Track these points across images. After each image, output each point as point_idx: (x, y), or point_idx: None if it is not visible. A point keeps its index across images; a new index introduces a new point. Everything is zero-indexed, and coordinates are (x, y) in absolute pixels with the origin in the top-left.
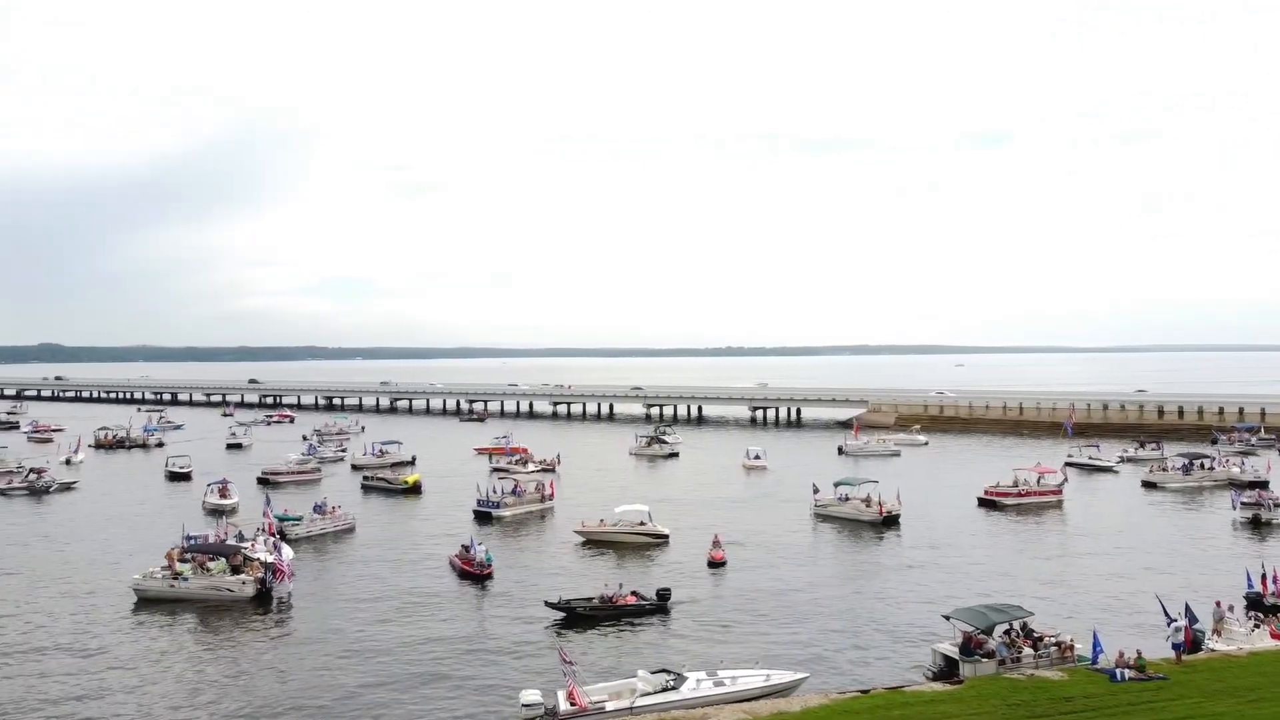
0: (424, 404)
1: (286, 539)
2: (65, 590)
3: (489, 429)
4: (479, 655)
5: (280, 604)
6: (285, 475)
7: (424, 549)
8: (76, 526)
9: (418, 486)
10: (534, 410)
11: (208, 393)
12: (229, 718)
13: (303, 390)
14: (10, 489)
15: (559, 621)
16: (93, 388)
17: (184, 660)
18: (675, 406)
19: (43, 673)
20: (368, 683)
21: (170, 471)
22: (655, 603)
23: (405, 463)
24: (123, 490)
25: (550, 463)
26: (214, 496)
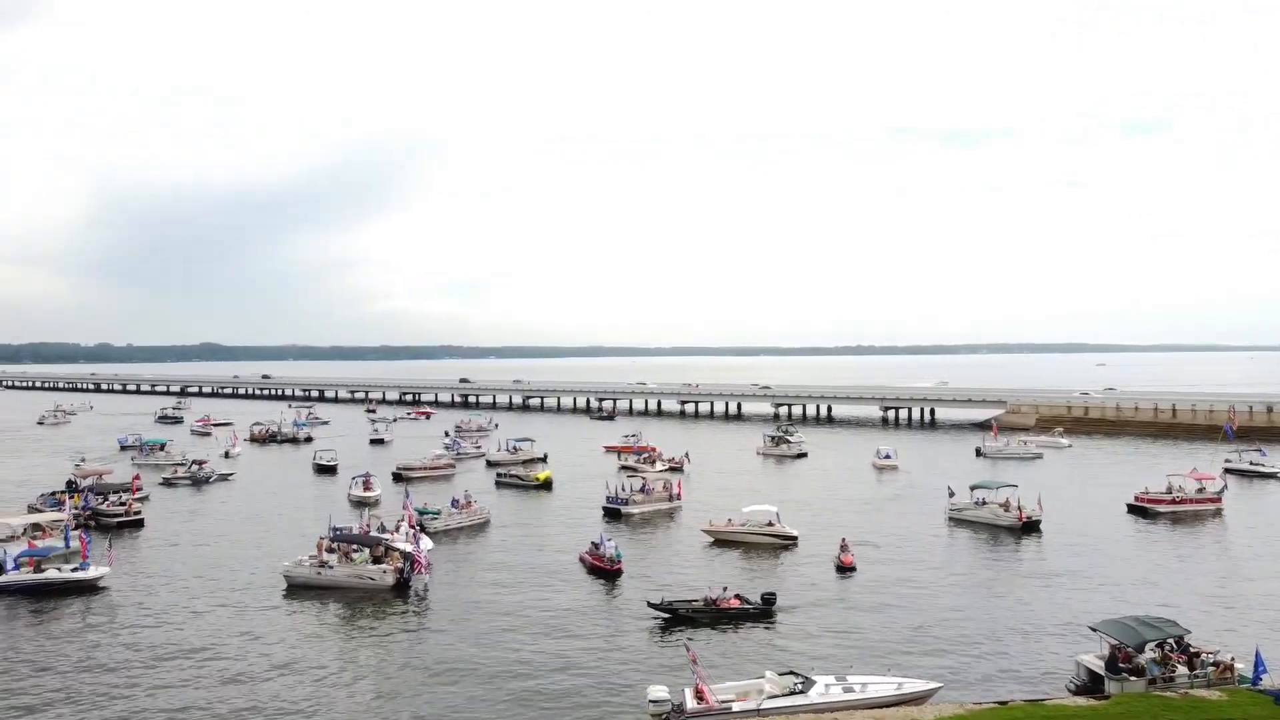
0: (555, 402)
1: (426, 532)
2: (223, 573)
3: (618, 427)
4: (607, 650)
5: (418, 594)
6: (418, 471)
7: (555, 544)
8: (232, 515)
9: (549, 483)
10: (662, 409)
11: (352, 390)
12: (368, 698)
13: (439, 388)
14: (176, 479)
15: (662, 622)
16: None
17: (328, 643)
18: (804, 406)
19: (200, 648)
20: (498, 673)
21: (317, 465)
22: (760, 607)
23: (537, 460)
24: (274, 482)
25: (678, 461)
26: (358, 489)
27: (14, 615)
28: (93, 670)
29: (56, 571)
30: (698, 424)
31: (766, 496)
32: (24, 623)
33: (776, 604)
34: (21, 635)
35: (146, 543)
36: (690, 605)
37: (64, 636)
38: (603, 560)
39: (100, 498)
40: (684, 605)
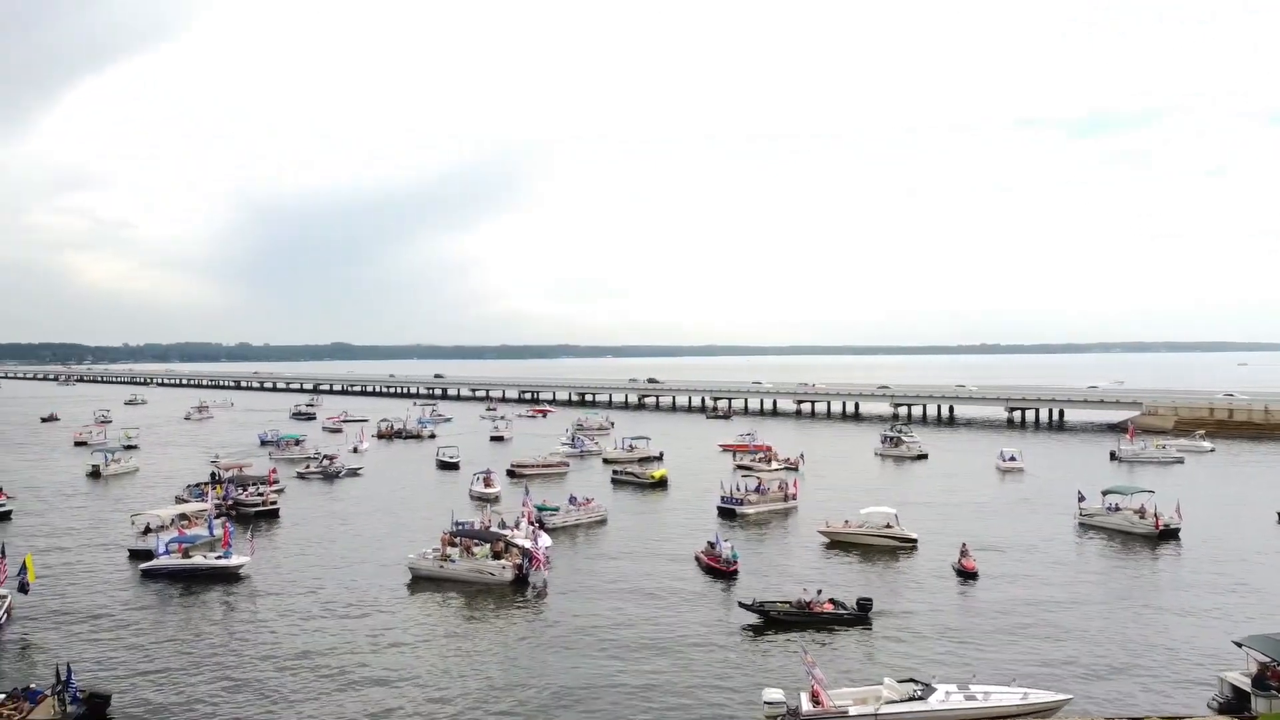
0: (670, 401)
1: (545, 528)
2: (352, 563)
3: (733, 426)
4: (722, 651)
5: (535, 590)
6: (531, 468)
7: (670, 543)
8: (361, 508)
9: (664, 481)
10: (777, 408)
11: (473, 388)
12: (485, 691)
13: (557, 386)
14: (308, 473)
15: (775, 625)
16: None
17: (449, 634)
18: (924, 406)
19: (331, 634)
20: (612, 670)
21: (440, 461)
22: (854, 612)
23: (653, 458)
24: (399, 477)
25: (794, 461)
26: (479, 486)
27: (165, 598)
28: (233, 651)
29: (202, 558)
30: (814, 424)
31: (884, 498)
32: (173, 605)
33: (873, 609)
34: (170, 616)
35: (282, 532)
36: (782, 607)
37: (208, 619)
38: (719, 560)
39: (240, 489)
40: (775, 607)
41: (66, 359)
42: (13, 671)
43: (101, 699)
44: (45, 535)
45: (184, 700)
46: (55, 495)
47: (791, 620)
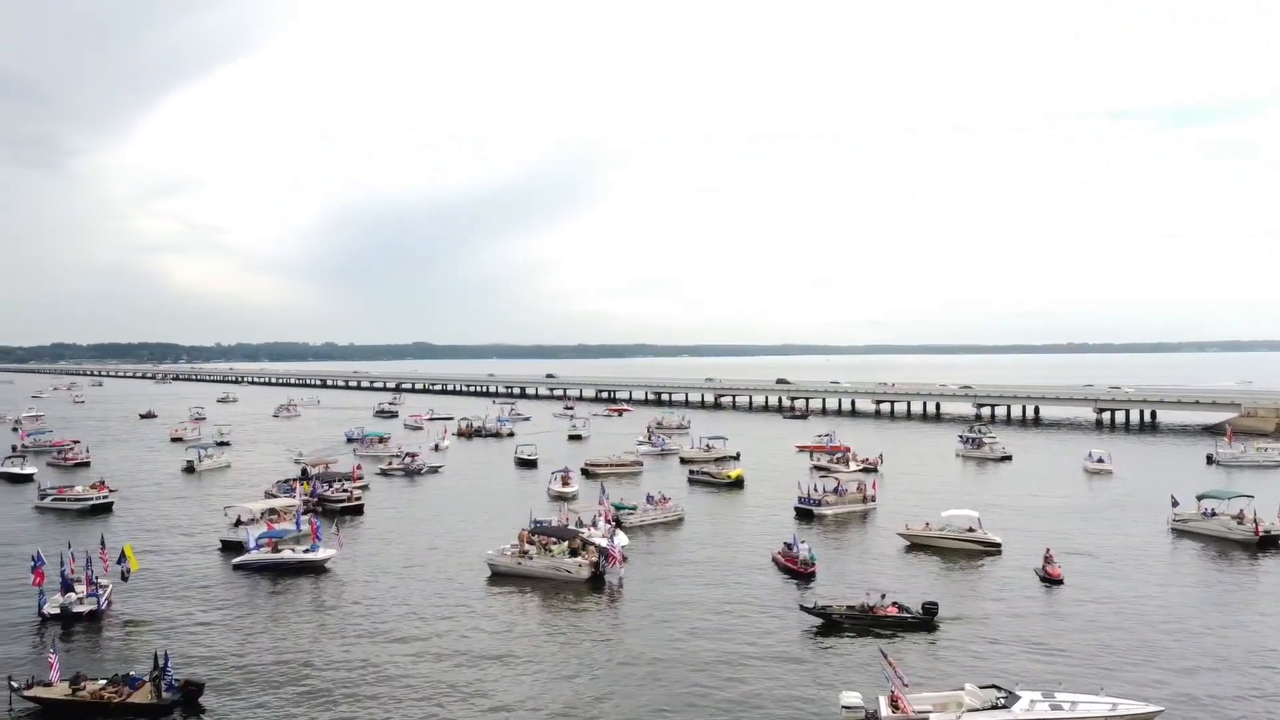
0: (746, 400)
1: (621, 527)
2: (433, 559)
3: (811, 426)
4: (798, 652)
5: (611, 587)
6: (605, 467)
7: (747, 543)
8: (442, 504)
9: (740, 481)
10: (856, 408)
11: (551, 387)
12: (559, 686)
13: (634, 386)
14: (391, 470)
15: (815, 627)
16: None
17: (527, 630)
18: (1009, 406)
19: (413, 628)
20: (688, 670)
21: (519, 459)
22: (919, 616)
23: (730, 458)
24: (479, 474)
25: (872, 462)
26: (557, 484)
27: (255, 591)
28: (320, 644)
29: (291, 552)
30: (893, 424)
31: (966, 501)
32: (263, 597)
33: (941, 614)
34: (260, 608)
35: (365, 528)
36: (844, 610)
37: (296, 612)
38: (796, 561)
39: (326, 485)
40: (839, 610)
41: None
42: (114, 657)
43: (196, 687)
44: (144, 527)
45: (273, 691)
46: (153, 489)
47: (855, 624)
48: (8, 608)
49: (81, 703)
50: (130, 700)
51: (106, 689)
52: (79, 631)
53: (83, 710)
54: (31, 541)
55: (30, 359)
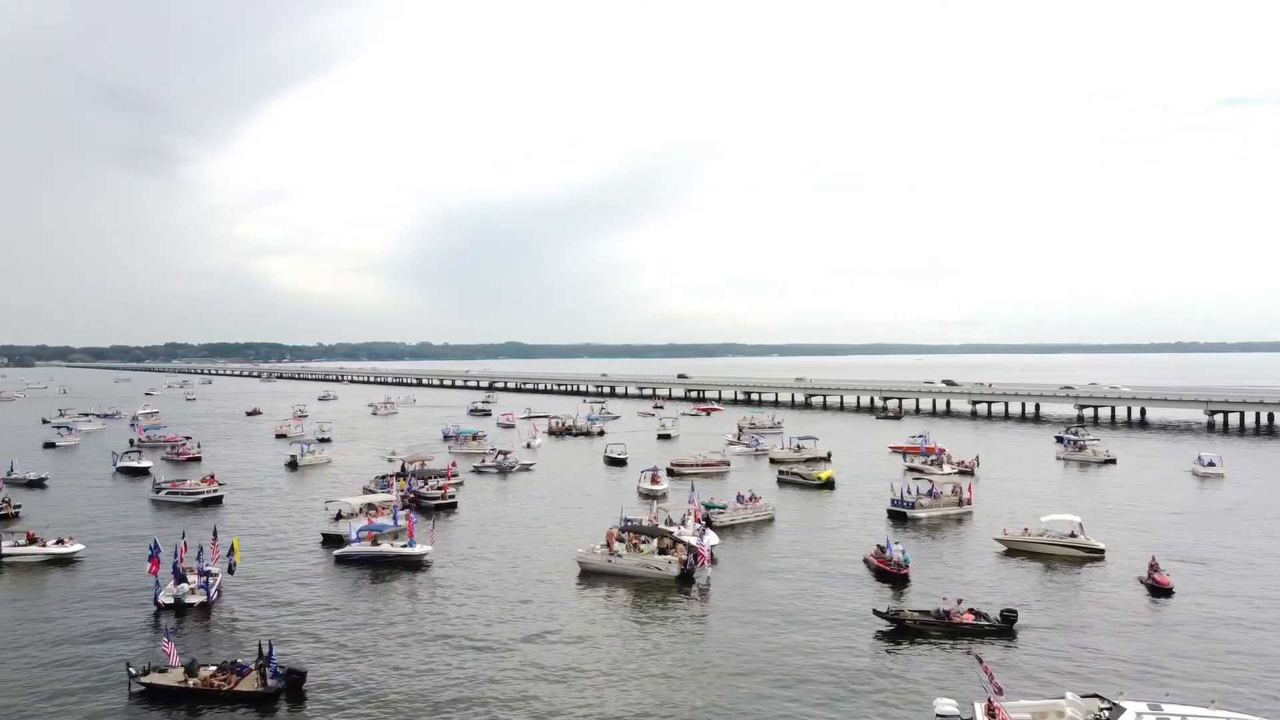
0: (838, 400)
1: (711, 526)
2: (525, 556)
3: (904, 427)
4: (891, 656)
5: (700, 586)
6: (691, 466)
7: (838, 545)
8: (533, 502)
9: (831, 482)
10: (951, 409)
11: (640, 386)
12: (647, 684)
13: (723, 385)
14: (484, 468)
15: (888, 632)
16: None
17: (615, 627)
18: (1113, 408)
19: (507, 624)
20: (778, 673)
21: (608, 457)
22: (997, 624)
23: (820, 458)
24: (569, 473)
25: (968, 464)
26: (646, 483)
27: (356, 583)
28: (416, 636)
29: (389, 546)
30: (991, 425)
31: (1067, 505)
32: (363, 590)
33: (1021, 622)
34: (361, 600)
35: (459, 524)
36: (919, 616)
37: (394, 605)
38: (889, 564)
39: (422, 482)
40: (913, 616)
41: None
42: (222, 644)
43: (299, 675)
44: (250, 520)
45: (372, 680)
46: (259, 483)
47: (930, 630)
48: (127, 596)
49: (194, 689)
50: (238, 687)
51: (216, 676)
52: (191, 620)
53: (194, 696)
54: (148, 532)
55: (146, 358)
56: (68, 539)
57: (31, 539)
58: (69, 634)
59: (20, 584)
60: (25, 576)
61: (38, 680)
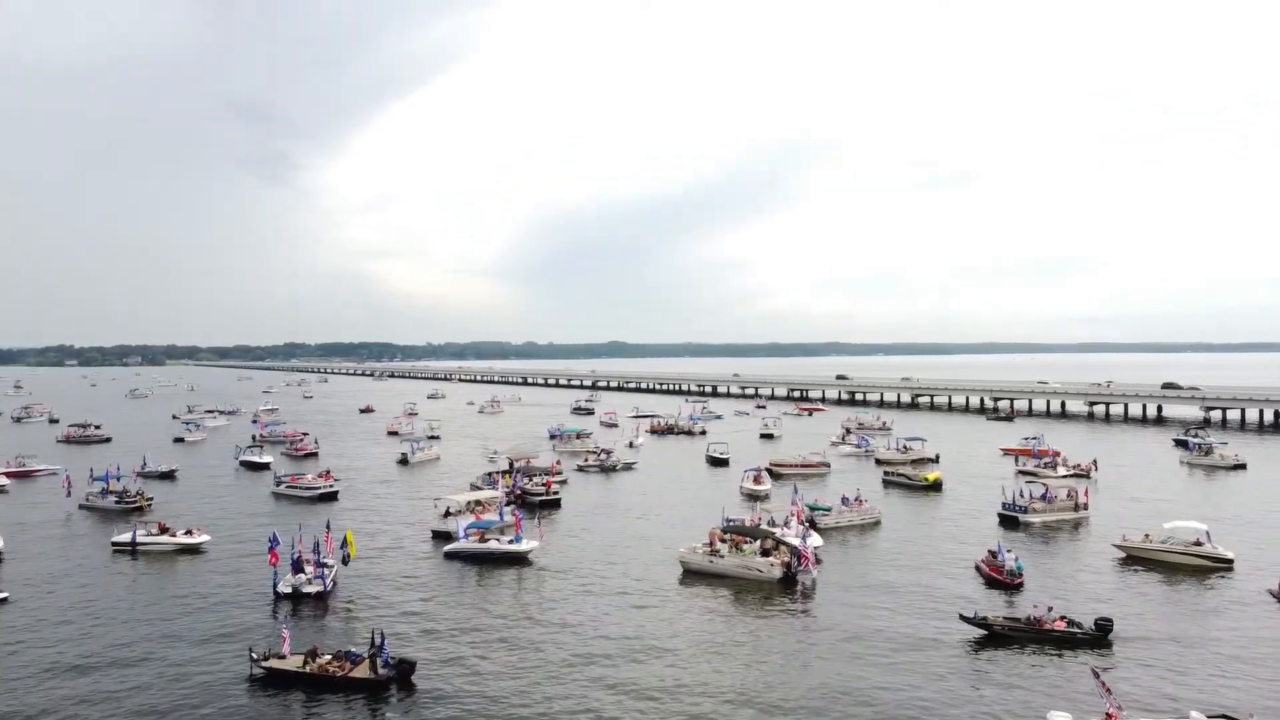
0: (946, 400)
1: (816, 528)
2: (627, 554)
3: (1016, 429)
4: (1002, 666)
5: (804, 589)
6: (790, 467)
7: (946, 550)
8: (635, 501)
9: (939, 484)
10: (1066, 410)
11: (742, 386)
12: (747, 686)
13: (826, 385)
14: (587, 466)
15: (976, 639)
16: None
17: (715, 628)
18: (1243, 410)
19: (609, 623)
20: (884, 681)
21: (711, 457)
22: (1090, 633)
23: (928, 460)
24: (671, 472)
25: (1085, 468)
26: (749, 483)
27: (464, 578)
28: (522, 632)
29: (496, 543)
30: (1109, 427)
31: (1192, 512)
32: (470, 585)
33: (1114, 631)
34: (469, 595)
35: (563, 521)
36: (1007, 622)
37: (501, 600)
38: (1001, 572)
39: (527, 479)
40: (1001, 622)
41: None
42: (337, 633)
43: (409, 665)
44: (363, 514)
45: (478, 673)
46: (371, 479)
47: (1018, 637)
48: (249, 584)
49: (310, 674)
50: (351, 675)
51: (331, 663)
52: (306, 609)
53: (310, 681)
54: (268, 524)
55: (267, 357)
56: (195, 529)
57: (163, 529)
58: (196, 618)
59: (152, 571)
60: (157, 563)
61: (167, 659)
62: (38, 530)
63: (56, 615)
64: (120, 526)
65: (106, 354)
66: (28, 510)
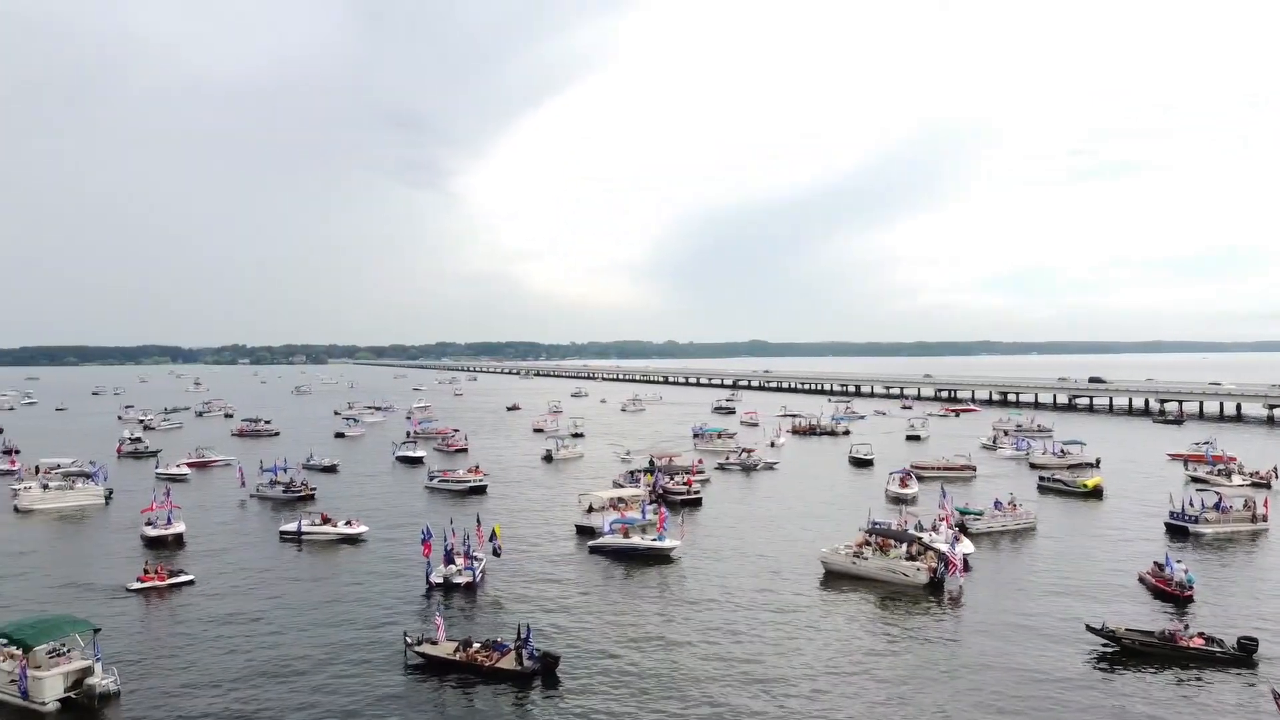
0: (1106, 401)
1: (966, 532)
2: (768, 555)
3: (1186, 433)
4: (1135, 682)
5: (952, 596)
6: (932, 469)
7: (1106, 560)
8: (777, 501)
9: (1099, 490)
10: (1243, 413)
11: (887, 386)
12: (887, 691)
13: (976, 385)
14: (728, 465)
15: (1107, 653)
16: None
17: (857, 631)
18: None
19: (749, 621)
20: (1036, 696)
21: (854, 458)
22: (1231, 652)
23: (1087, 464)
24: (813, 472)
25: (1264, 476)
26: (895, 485)
27: (607, 573)
28: (664, 629)
29: (640, 539)
30: None
31: None
32: (615, 581)
33: (1258, 652)
34: (613, 591)
35: (704, 520)
36: (1139, 636)
37: (645, 597)
38: (1169, 584)
39: (668, 477)
40: (1130, 636)
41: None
42: (485, 624)
43: (553, 658)
44: (510, 509)
45: (621, 667)
46: (518, 474)
47: (1152, 652)
48: (403, 574)
49: (460, 662)
50: (499, 664)
51: (480, 652)
52: (457, 599)
53: (460, 668)
54: (422, 517)
55: (420, 356)
56: (354, 520)
57: (325, 519)
58: (355, 605)
59: (316, 559)
60: (320, 552)
61: (329, 640)
62: (215, 517)
63: (233, 597)
64: (287, 516)
65: (275, 353)
66: (206, 498)
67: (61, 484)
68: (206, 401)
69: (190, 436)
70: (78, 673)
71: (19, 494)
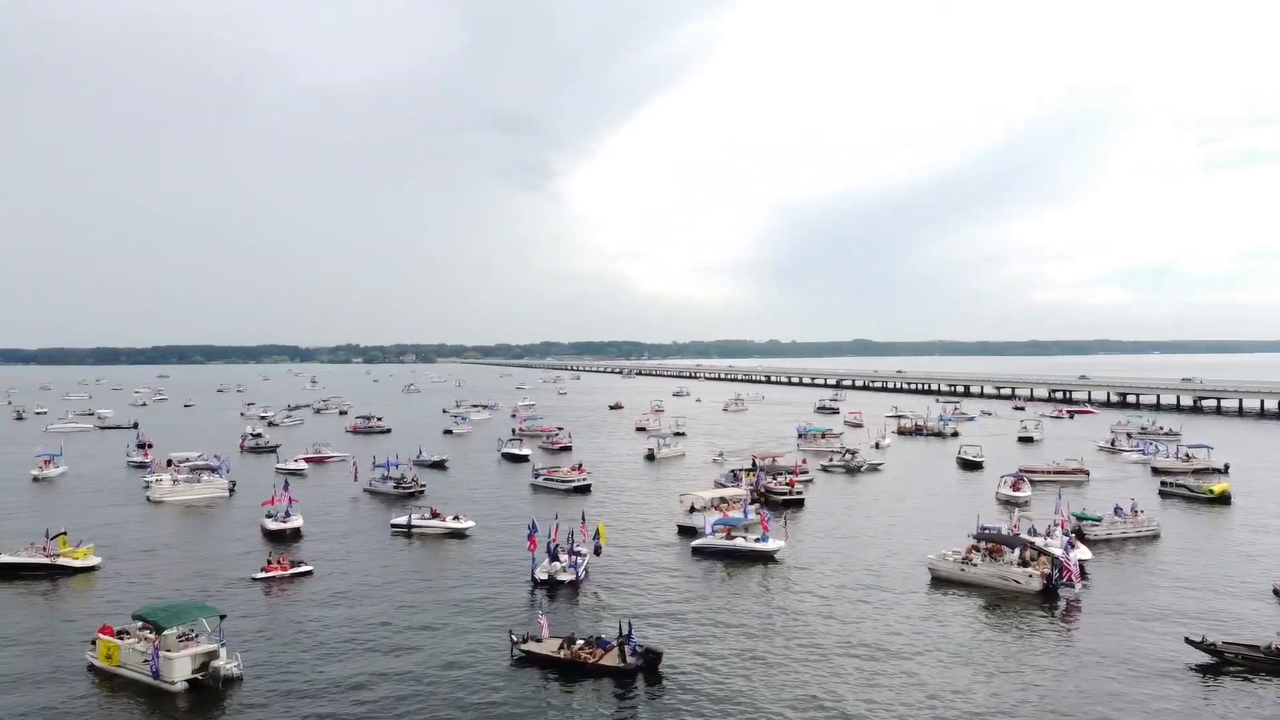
0: (1235, 404)
1: (1084, 539)
2: (872, 559)
3: None
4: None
5: (1067, 604)
6: (1040, 473)
7: (1236, 569)
8: (881, 503)
9: (1226, 497)
10: None
11: (998, 386)
12: (995, 700)
13: (1093, 386)
14: (832, 466)
15: (1205, 666)
16: None
17: (966, 639)
18: None
19: (850, 623)
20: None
21: (962, 460)
22: None
23: (1214, 470)
24: (919, 474)
25: None
26: (1006, 488)
27: (710, 574)
28: (766, 631)
29: (743, 540)
30: None
31: None
32: (717, 581)
33: None
34: (715, 591)
35: (807, 521)
36: (1244, 651)
37: (748, 598)
38: None
39: (771, 478)
40: (1233, 649)
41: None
42: (588, 621)
43: (655, 655)
44: (613, 507)
45: (723, 667)
46: (621, 473)
47: (1256, 667)
48: (507, 570)
49: (563, 659)
50: (602, 661)
51: (583, 649)
52: (561, 596)
53: (564, 665)
54: (527, 514)
55: (524, 355)
56: (462, 515)
57: (434, 514)
58: (461, 598)
59: (425, 552)
60: (429, 546)
61: (437, 632)
62: (332, 511)
63: (348, 588)
64: (398, 510)
65: (386, 352)
66: (323, 493)
67: (189, 477)
68: (324, 399)
69: (310, 432)
70: (204, 655)
71: (151, 486)
